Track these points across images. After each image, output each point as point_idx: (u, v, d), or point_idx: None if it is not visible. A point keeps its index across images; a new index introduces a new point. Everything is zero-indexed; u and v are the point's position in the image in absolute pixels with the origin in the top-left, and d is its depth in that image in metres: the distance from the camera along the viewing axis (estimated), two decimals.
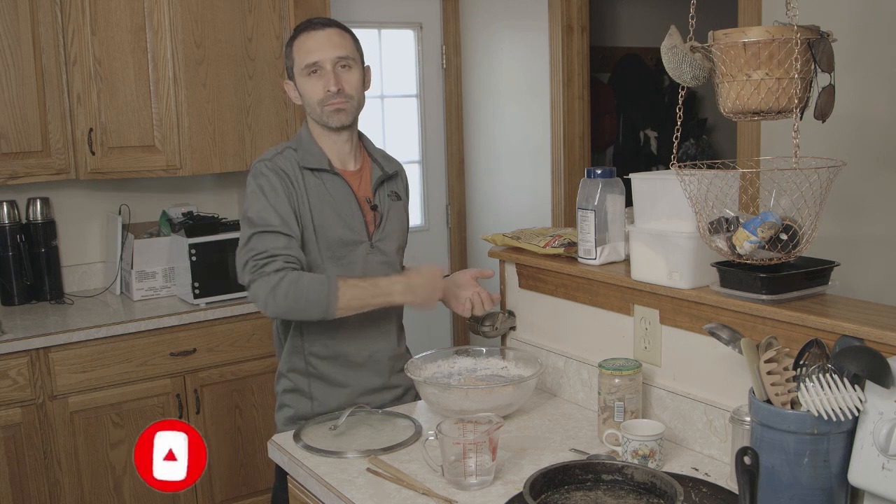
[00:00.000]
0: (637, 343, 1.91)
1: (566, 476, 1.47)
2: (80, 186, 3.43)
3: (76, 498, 2.92)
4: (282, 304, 1.89)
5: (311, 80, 2.02)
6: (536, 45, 3.86)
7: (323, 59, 2.00)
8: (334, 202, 2.04)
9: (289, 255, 1.92)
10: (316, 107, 2.03)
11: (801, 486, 1.34)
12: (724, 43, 1.52)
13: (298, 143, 2.08)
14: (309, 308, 1.90)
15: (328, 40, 2.02)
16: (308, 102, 2.05)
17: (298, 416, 2.09)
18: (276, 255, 1.91)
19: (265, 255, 1.91)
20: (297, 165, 2.03)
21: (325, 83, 2.01)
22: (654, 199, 1.80)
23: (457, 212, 4.43)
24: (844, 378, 1.33)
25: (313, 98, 2.03)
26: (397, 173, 2.20)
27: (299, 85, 2.05)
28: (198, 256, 3.13)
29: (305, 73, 2.02)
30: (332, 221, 2.03)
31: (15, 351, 2.77)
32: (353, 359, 2.08)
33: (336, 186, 2.05)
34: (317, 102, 2.02)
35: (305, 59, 2.01)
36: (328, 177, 2.05)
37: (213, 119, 3.23)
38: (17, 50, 3.00)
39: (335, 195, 2.04)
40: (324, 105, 2.02)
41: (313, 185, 2.02)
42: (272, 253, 1.91)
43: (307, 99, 2.05)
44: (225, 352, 3.14)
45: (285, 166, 2.01)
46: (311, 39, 2.02)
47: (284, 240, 1.93)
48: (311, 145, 2.07)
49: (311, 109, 2.05)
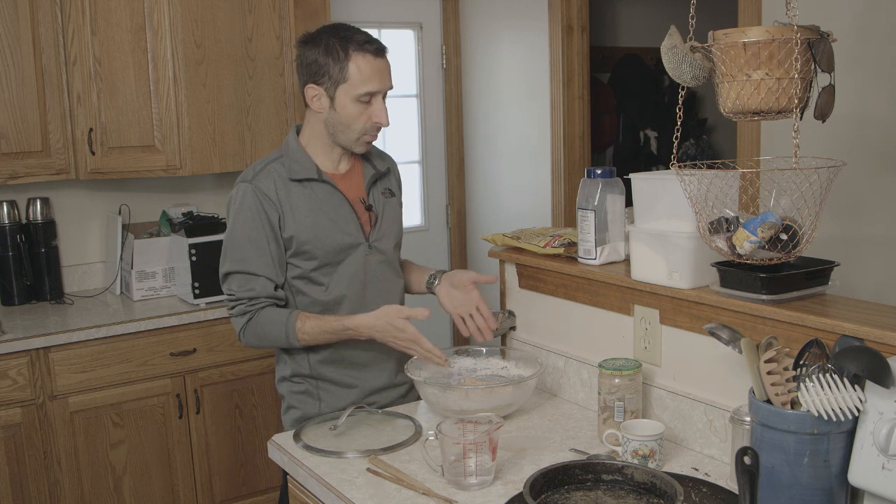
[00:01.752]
0: (637, 343, 1.91)
1: (566, 476, 1.47)
2: (80, 186, 3.43)
3: (76, 498, 2.92)
4: (252, 341, 2.04)
5: (360, 106, 1.96)
6: (536, 45, 3.86)
7: (382, 90, 1.97)
8: (326, 209, 2.02)
9: (252, 298, 2.01)
10: (354, 132, 1.99)
11: (801, 486, 1.34)
12: (724, 43, 1.52)
13: (286, 153, 2.04)
14: (274, 343, 2.04)
15: (388, 70, 1.99)
16: (345, 124, 1.98)
17: (305, 416, 2.09)
18: (240, 298, 2.01)
19: (234, 297, 2.03)
20: (283, 180, 2.00)
21: (375, 115, 1.97)
22: (654, 199, 1.80)
23: (457, 212, 4.43)
24: (844, 378, 1.33)
25: (356, 124, 1.98)
26: (389, 170, 2.19)
27: (343, 104, 1.96)
28: (198, 256, 3.13)
29: (359, 98, 1.95)
30: (327, 229, 2.02)
31: (15, 351, 2.77)
32: (358, 360, 2.09)
33: (326, 193, 2.03)
34: (358, 129, 1.99)
35: (367, 85, 1.94)
36: (317, 185, 2.02)
37: (213, 119, 3.23)
38: (17, 50, 3.00)
39: (326, 202, 2.02)
40: (363, 134, 2.00)
41: (301, 198, 2.01)
42: (238, 296, 2.02)
43: (347, 121, 1.98)
44: (225, 352, 3.14)
45: (267, 188, 1.99)
46: (375, 65, 1.95)
47: (251, 281, 2.00)
48: (299, 154, 2.03)
49: (344, 131, 1.99)
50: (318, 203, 2.02)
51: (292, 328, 1.97)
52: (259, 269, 1.99)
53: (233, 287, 2.02)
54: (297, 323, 1.97)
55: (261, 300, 2.00)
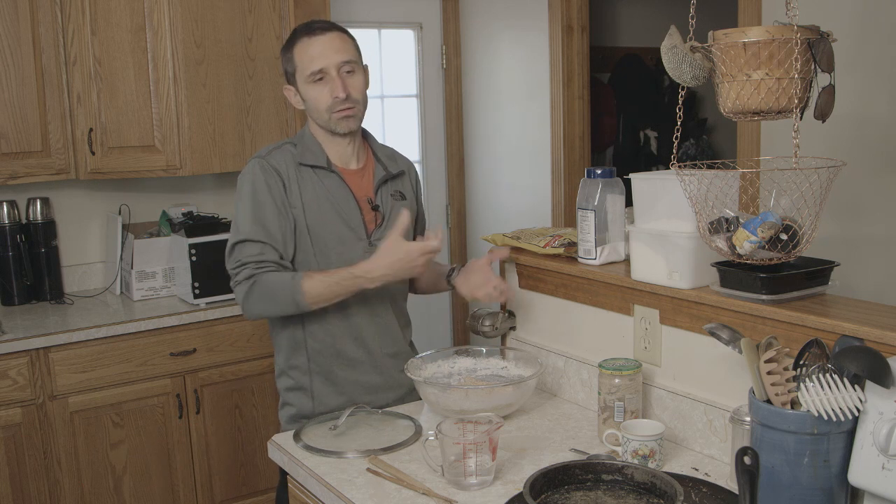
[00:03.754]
0: (637, 343, 1.91)
1: (566, 476, 1.46)
2: (80, 186, 3.43)
3: (76, 498, 2.92)
4: (256, 307, 1.99)
5: (316, 87, 2.00)
6: (536, 45, 3.86)
7: (328, 66, 1.99)
8: (331, 199, 2.04)
9: (259, 262, 1.97)
10: (323, 113, 2.02)
11: (801, 486, 1.34)
12: (724, 43, 1.52)
13: (300, 140, 2.09)
14: (280, 307, 1.98)
15: (331, 45, 2.00)
16: (314, 108, 2.04)
17: (300, 414, 2.10)
18: (246, 262, 1.98)
19: (239, 264, 1.99)
20: (294, 161, 2.03)
21: (332, 90, 2.00)
22: (654, 199, 1.80)
23: (457, 212, 4.43)
24: (844, 378, 1.33)
25: (320, 105, 2.02)
26: (403, 172, 2.20)
27: (303, 91, 2.03)
28: (198, 256, 3.13)
29: (311, 80, 2.00)
30: (328, 217, 2.03)
31: (15, 351, 2.77)
32: (353, 355, 2.09)
33: (333, 184, 2.06)
34: (325, 109, 2.01)
35: (310, 65, 1.99)
36: (325, 174, 2.05)
37: (213, 119, 3.23)
38: (17, 50, 3.00)
39: (332, 192, 2.05)
40: (332, 112, 2.01)
41: (310, 182, 2.03)
42: (244, 262, 1.98)
43: (313, 105, 2.03)
44: (225, 352, 3.14)
45: (278, 164, 2.02)
46: (314, 45, 2.00)
47: (258, 247, 1.98)
48: (312, 143, 2.07)
49: (318, 115, 2.04)
50: (324, 190, 2.04)
51: (298, 285, 1.93)
52: (267, 238, 1.98)
53: (240, 254, 1.99)
54: (304, 280, 1.94)
55: (268, 264, 1.97)
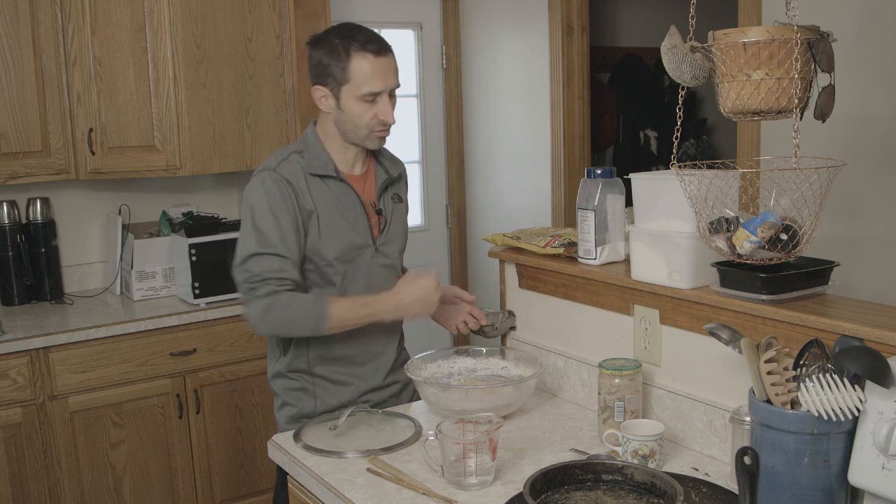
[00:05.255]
0: (637, 343, 1.91)
1: (566, 476, 1.47)
2: (80, 186, 3.43)
3: (76, 498, 2.92)
4: (272, 325, 1.97)
5: (366, 105, 1.97)
6: (536, 45, 3.86)
7: (385, 90, 1.98)
8: (341, 207, 2.03)
9: (281, 278, 1.94)
10: (362, 129, 2.00)
11: (801, 486, 1.34)
12: (724, 43, 1.52)
13: (305, 146, 2.05)
14: (297, 328, 1.98)
15: (390, 68, 2.00)
16: (352, 122, 2.00)
17: (301, 414, 2.10)
18: (267, 278, 1.94)
19: (258, 278, 1.94)
20: (303, 172, 2.01)
21: (380, 112, 1.98)
22: (654, 199, 1.80)
23: (457, 212, 4.43)
24: (844, 378, 1.33)
25: (362, 122, 1.99)
26: (401, 175, 2.21)
27: (348, 104, 1.98)
28: (198, 256, 3.13)
29: (363, 98, 1.96)
30: (340, 226, 2.02)
31: (15, 351, 2.77)
32: (358, 359, 2.09)
33: (342, 192, 2.04)
34: (365, 126, 1.99)
35: (369, 86, 1.95)
36: (334, 183, 2.04)
37: (213, 119, 3.23)
38: (17, 50, 3.00)
39: (342, 200, 2.04)
40: (372, 131, 2.00)
41: (320, 191, 2.01)
42: (264, 276, 1.94)
43: (354, 120, 1.99)
44: (225, 352, 3.14)
45: (290, 175, 1.99)
46: (376, 65, 1.96)
47: (279, 262, 1.95)
48: (319, 150, 2.04)
49: (354, 129, 2.01)
50: (334, 200, 2.03)
51: (324, 310, 1.93)
52: (286, 252, 1.96)
53: (257, 268, 1.94)
54: (330, 305, 1.94)
55: (288, 282, 1.95)
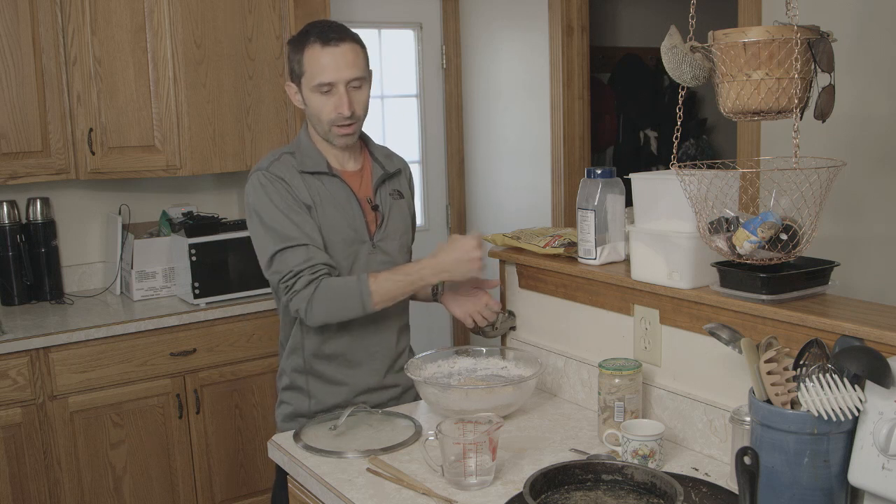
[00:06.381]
0: (637, 343, 1.91)
1: (566, 476, 1.46)
2: (80, 186, 3.43)
3: (76, 498, 2.92)
4: (321, 313, 1.94)
5: (322, 97, 1.97)
6: (536, 45, 3.86)
7: (337, 80, 1.96)
8: (336, 203, 2.04)
9: (312, 266, 1.94)
10: (324, 125, 2.00)
11: (801, 486, 1.34)
12: (724, 43, 1.52)
13: (297, 147, 2.06)
14: (346, 311, 1.95)
15: (344, 59, 1.96)
16: (315, 117, 2.01)
17: (297, 413, 2.10)
18: (300, 271, 1.93)
19: (290, 274, 1.94)
20: (295, 171, 2.02)
21: (336, 104, 1.97)
22: (654, 199, 1.80)
23: (457, 212, 4.43)
24: (844, 378, 1.33)
25: (322, 116, 1.99)
26: (400, 171, 2.20)
27: (308, 98, 2.00)
28: (198, 256, 3.13)
29: (317, 90, 1.97)
30: (336, 222, 2.03)
31: (15, 351, 2.77)
32: (351, 357, 2.09)
33: (336, 188, 2.05)
34: (326, 121, 1.99)
35: (319, 76, 1.96)
36: (327, 179, 2.04)
37: (213, 119, 3.23)
38: (17, 50, 3.00)
39: (335, 196, 2.04)
40: (333, 125, 2.00)
41: (315, 188, 2.02)
42: (296, 270, 1.93)
43: (315, 113, 2.01)
44: (225, 352, 3.14)
45: (282, 173, 2.00)
46: (327, 56, 1.95)
47: (303, 251, 1.94)
48: (310, 149, 2.06)
49: (318, 124, 2.02)
50: (328, 196, 2.03)
51: (366, 287, 1.92)
52: (307, 239, 1.95)
53: (284, 265, 1.94)
54: (371, 281, 1.93)
55: (320, 267, 1.94)
